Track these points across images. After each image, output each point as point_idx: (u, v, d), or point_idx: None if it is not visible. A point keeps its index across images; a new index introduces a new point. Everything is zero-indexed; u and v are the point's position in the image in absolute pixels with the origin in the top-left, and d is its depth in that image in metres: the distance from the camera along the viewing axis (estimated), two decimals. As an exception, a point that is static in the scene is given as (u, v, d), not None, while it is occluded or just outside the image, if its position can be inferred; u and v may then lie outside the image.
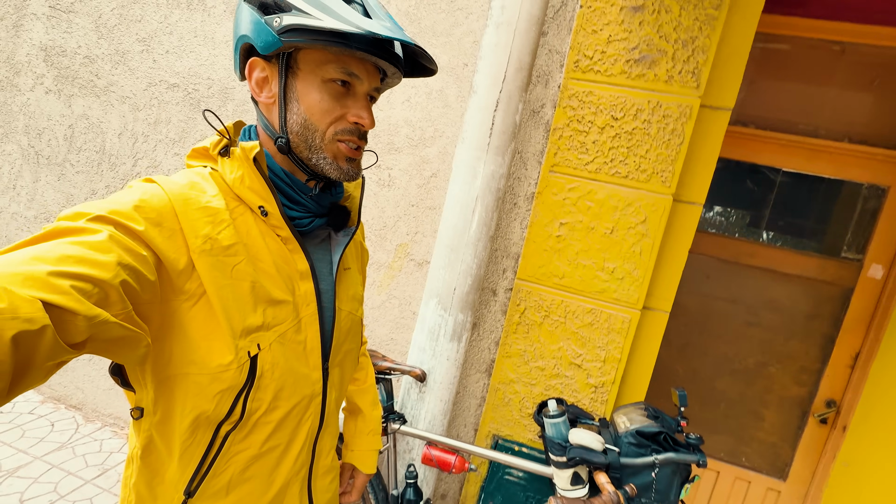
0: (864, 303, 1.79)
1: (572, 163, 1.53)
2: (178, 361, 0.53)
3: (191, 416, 0.55)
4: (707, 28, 1.39)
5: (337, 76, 0.57)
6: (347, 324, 0.71)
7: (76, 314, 0.38)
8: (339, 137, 0.60)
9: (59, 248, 0.41)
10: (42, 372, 0.38)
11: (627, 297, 1.52)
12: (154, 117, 2.06)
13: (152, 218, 0.50)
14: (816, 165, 1.80)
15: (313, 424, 0.67)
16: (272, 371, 0.58)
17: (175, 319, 0.52)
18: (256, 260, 0.58)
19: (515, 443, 1.65)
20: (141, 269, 0.46)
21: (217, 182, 0.58)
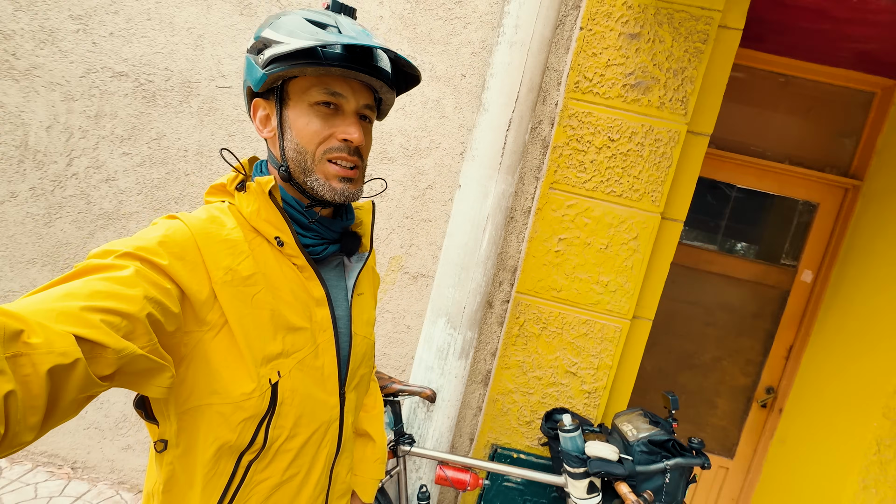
0: (798, 303, 2.08)
1: (571, 181, 1.58)
2: (201, 392, 0.54)
3: (214, 447, 0.56)
4: (695, 60, 1.50)
5: (321, 98, 0.59)
6: (363, 348, 0.72)
7: (106, 347, 0.40)
8: (328, 157, 0.61)
9: (89, 284, 0.43)
10: (74, 406, 0.39)
11: (619, 308, 1.62)
12: (95, 109, 1.77)
13: (176, 252, 0.52)
14: (764, 183, 2.04)
15: (331, 450, 0.68)
16: (292, 398, 0.60)
17: (198, 350, 0.53)
18: (275, 288, 0.59)
19: (514, 450, 1.70)
20: (166, 302, 0.48)
21: (235, 216, 0.60)
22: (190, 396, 0.55)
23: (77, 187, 1.81)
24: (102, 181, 1.81)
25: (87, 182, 1.81)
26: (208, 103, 1.75)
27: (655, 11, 1.49)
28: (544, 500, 1.70)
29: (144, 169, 1.79)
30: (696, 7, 1.48)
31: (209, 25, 1.72)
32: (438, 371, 1.44)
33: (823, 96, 1.99)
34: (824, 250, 2.04)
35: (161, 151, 1.78)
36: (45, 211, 1.83)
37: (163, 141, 1.78)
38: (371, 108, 0.64)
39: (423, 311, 1.76)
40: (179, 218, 0.56)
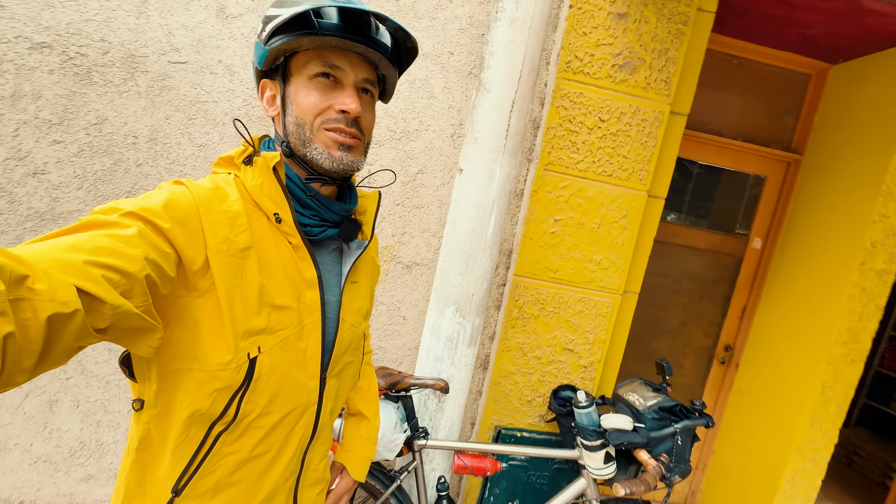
0: (750, 268, 2.30)
1: (564, 161, 1.59)
2: (183, 356, 0.55)
3: (187, 412, 0.56)
4: (677, 41, 1.55)
5: (319, 70, 0.60)
6: (349, 336, 0.72)
7: (104, 302, 0.42)
8: (326, 126, 0.61)
9: (94, 239, 0.44)
10: (65, 353, 0.41)
11: (611, 284, 1.68)
12: (10, 88, 1.47)
13: (178, 217, 0.52)
14: (721, 159, 2.20)
15: (305, 433, 0.67)
16: (269, 375, 0.60)
17: (185, 315, 0.54)
18: (267, 264, 0.60)
19: (517, 429, 1.74)
20: (164, 265, 0.49)
21: (239, 188, 0.61)
22: (173, 359, 0.55)
23: (-6, 183, 1.51)
24: (28, 175, 1.52)
25: (8, 177, 1.51)
26: (160, 81, 1.52)
27: (641, -9, 1.51)
28: (546, 473, 1.76)
29: (83, 159, 1.53)
30: (677, -11, 1.52)
31: (154, -11, 1.47)
32: (449, 361, 1.41)
33: (769, 77, 2.17)
34: (770, 219, 2.27)
35: (103, 138, 1.53)
36: (-49, 213, 1.51)
37: (105, 126, 1.52)
38: (372, 83, 0.65)
39: (419, 301, 1.72)
40: (185, 184, 0.57)
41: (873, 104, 1.87)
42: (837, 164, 1.99)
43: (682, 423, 1.27)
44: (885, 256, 1.82)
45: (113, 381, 1.65)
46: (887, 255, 1.83)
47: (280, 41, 0.58)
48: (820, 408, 1.92)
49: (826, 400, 1.91)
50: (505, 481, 1.73)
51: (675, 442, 1.27)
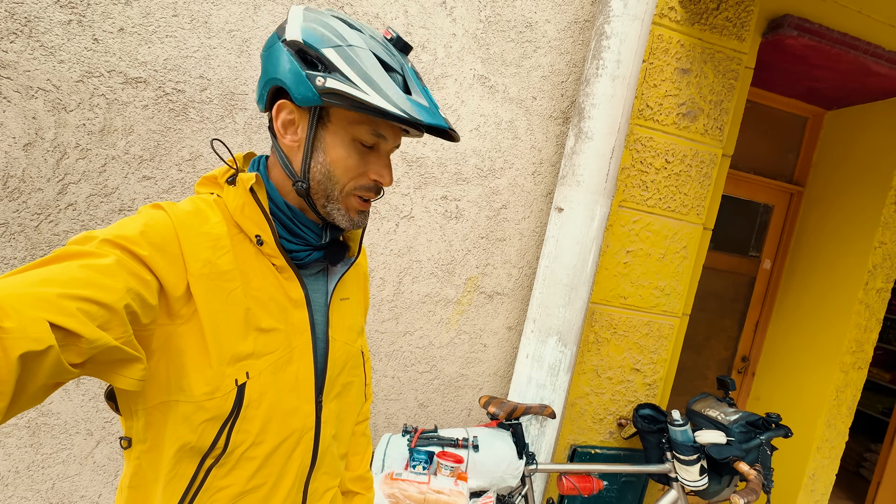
0: (761, 286, 2.58)
1: (636, 198, 1.75)
2: (170, 388, 0.53)
3: (175, 446, 0.54)
4: (729, 94, 1.77)
5: (367, 139, 0.59)
6: (343, 355, 0.69)
7: (80, 336, 0.40)
8: (356, 192, 0.61)
9: (68, 270, 0.42)
10: (41, 392, 0.39)
11: (672, 308, 1.85)
12: (99, 123, 1.41)
13: (156, 243, 0.51)
14: (739, 190, 2.47)
15: (304, 462, 0.64)
16: (260, 401, 0.57)
17: (170, 344, 0.52)
18: (251, 287, 0.58)
19: (591, 447, 1.85)
20: (144, 294, 0.47)
21: (221, 209, 0.59)
22: (159, 391, 0.53)
23: (75, 221, 1.44)
24: (114, 212, 1.46)
25: (92, 214, 1.45)
26: (258, 119, 1.52)
27: (702, 51, 1.71)
28: (615, 487, 1.88)
29: (173, 196, 1.50)
30: (729, 49, 1.74)
31: (256, 29, 1.48)
32: (551, 388, 1.50)
33: (774, 118, 2.47)
34: (778, 243, 2.56)
35: (196, 175, 1.50)
36: (24, 254, 1.42)
37: (198, 162, 1.50)
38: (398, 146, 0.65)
39: (499, 329, 1.80)
40: (163, 208, 0.55)
41: (868, 148, 2.20)
42: (839, 197, 2.30)
43: (765, 434, 1.44)
44: (883, 277, 2.13)
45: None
46: (885, 276, 2.13)
47: (342, 105, 0.54)
48: (834, 410, 2.19)
49: (839, 403, 2.18)
50: (580, 498, 1.84)
51: (760, 452, 1.43)
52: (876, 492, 3.07)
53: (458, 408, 1.82)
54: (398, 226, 1.66)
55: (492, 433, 1.40)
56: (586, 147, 1.45)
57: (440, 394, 1.79)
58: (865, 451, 3.48)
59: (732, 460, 1.37)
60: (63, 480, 1.52)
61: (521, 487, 1.44)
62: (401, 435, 1.39)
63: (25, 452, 1.49)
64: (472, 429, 1.42)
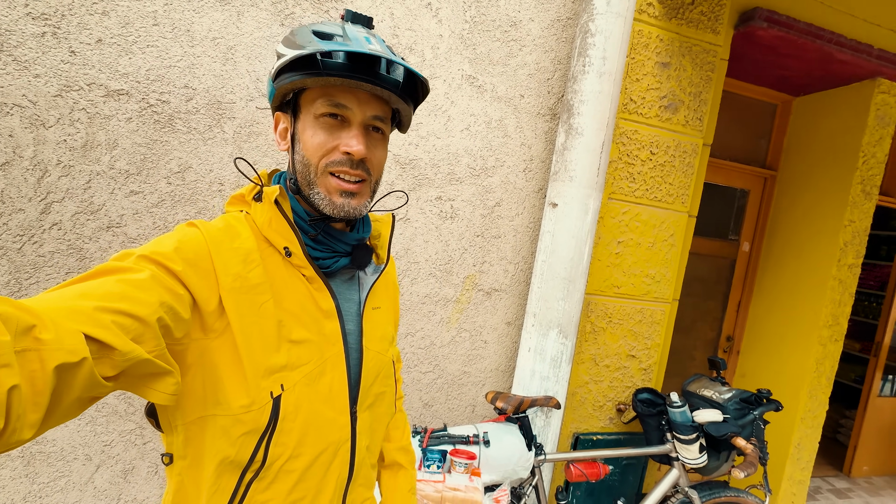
0: (741, 268, 2.69)
1: (624, 190, 1.80)
2: (206, 402, 0.54)
3: (216, 461, 0.54)
4: (707, 85, 1.83)
5: (325, 110, 0.59)
6: (376, 365, 0.69)
7: (114, 349, 0.41)
8: (330, 169, 0.60)
9: (104, 285, 0.44)
10: (76, 405, 0.40)
11: (663, 295, 1.92)
12: (81, 138, 1.36)
13: (189, 258, 0.52)
14: (717, 177, 2.56)
15: (342, 474, 0.64)
16: (296, 413, 0.57)
17: (205, 359, 0.53)
18: (282, 299, 0.59)
19: (592, 433, 1.90)
20: (177, 308, 0.49)
21: (250, 225, 0.61)
22: (196, 406, 0.54)
23: (61, 241, 1.39)
24: (101, 229, 1.42)
25: (79, 233, 1.40)
26: (247, 127, 1.49)
27: (680, 44, 1.77)
28: (618, 470, 1.94)
29: (163, 210, 1.46)
30: (705, 42, 1.81)
31: (241, 36, 1.46)
32: (554, 379, 1.54)
33: (746, 107, 2.58)
34: (755, 226, 2.67)
35: (186, 187, 1.47)
36: (8, 277, 1.36)
37: (188, 174, 1.47)
38: (383, 119, 0.62)
39: (498, 325, 1.82)
40: (196, 226, 0.57)
41: (834, 131, 2.32)
42: (809, 179, 2.42)
43: (758, 409, 1.52)
44: (853, 253, 2.25)
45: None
46: (854, 252, 2.26)
47: (286, 80, 0.58)
48: (814, 381, 2.31)
49: (819, 374, 2.31)
50: (585, 483, 1.89)
51: (754, 427, 1.50)
52: (853, 456, 3.26)
53: (463, 405, 1.84)
54: (394, 228, 1.66)
55: (501, 427, 1.43)
56: (577, 143, 1.48)
57: (444, 392, 1.81)
58: (841, 418, 3.68)
59: (730, 436, 1.44)
60: (63, 509, 1.48)
61: (532, 478, 1.48)
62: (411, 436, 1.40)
63: (21, 483, 1.43)
64: (480, 425, 1.44)
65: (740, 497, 1.62)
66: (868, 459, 3.28)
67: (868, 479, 3.27)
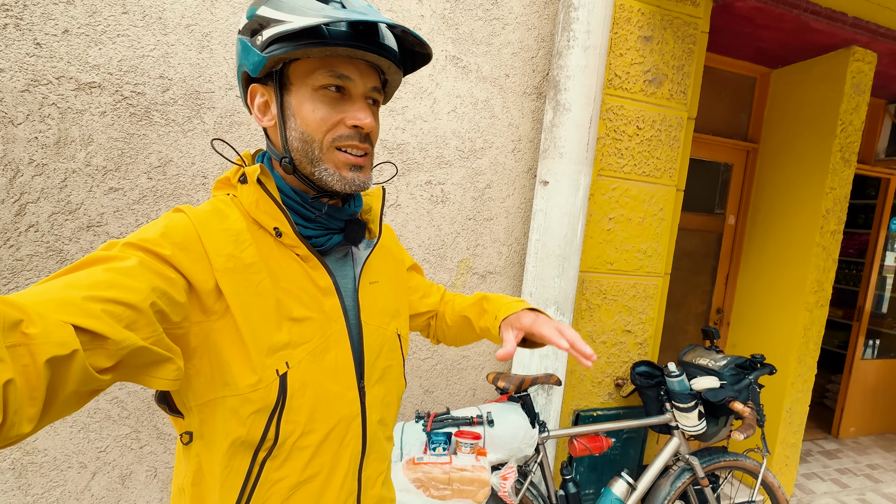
0: (728, 241, 2.73)
1: (613, 166, 1.80)
2: (215, 385, 0.54)
3: (227, 442, 0.54)
4: (689, 58, 1.84)
5: (327, 81, 0.56)
6: (378, 339, 0.68)
7: (106, 338, 0.40)
8: (337, 144, 0.58)
9: (92, 274, 0.43)
10: (74, 399, 0.39)
11: (656, 269, 1.94)
12: (54, 135, 1.31)
13: (178, 242, 0.51)
14: (699, 151, 2.59)
15: (355, 449, 0.64)
16: (304, 390, 0.57)
17: (209, 341, 0.53)
18: (279, 279, 0.58)
19: (592, 409, 1.92)
20: (170, 292, 0.48)
21: (238, 207, 0.59)
22: (207, 389, 0.53)
23: (39, 243, 1.33)
24: (81, 229, 1.37)
25: (57, 234, 1.35)
26: (228, 117, 1.45)
27: (661, 17, 1.77)
28: (619, 444, 1.97)
29: (145, 206, 1.41)
30: (686, 15, 1.81)
31: (216, 22, 1.41)
32: (553, 357, 1.54)
33: (725, 81, 2.60)
34: (739, 199, 2.72)
35: (168, 181, 1.42)
36: (-15, 283, 1.30)
37: (169, 168, 1.42)
38: (378, 91, 0.61)
39: (495, 307, 1.82)
40: (183, 210, 0.55)
41: (812, 101, 2.36)
42: (790, 150, 2.47)
43: (753, 374, 1.55)
44: (835, 220, 2.31)
45: (196, 440, 1.53)
46: (836, 219, 2.31)
47: (282, 50, 0.53)
48: (803, 347, 2.37)
49: (807, 340, 2.37)
50: (588, 458, 1.91)
51: (750, 391, 1.53)
52: (840, 418, 3.37)
53: (463, 389, 1.84)
54: (385, 215, 1.64)
55: (503, 407, 1.43)
56: (565, 119, 1.47)
57: (444, 378, 1.81)
58: (827, 383, 3.80)
59: (728, 401, 1.47)
60: (60, 519, 1.43)
61: (536, 455, 1.49)
62: (414, 421, 1.40)
63: (13, 496, 1.39)
64: (483, 405, 1.44)
65: (739, 460, 1.66)
66: (854, 421, 3.39)
67: (855, 440, 3.39)
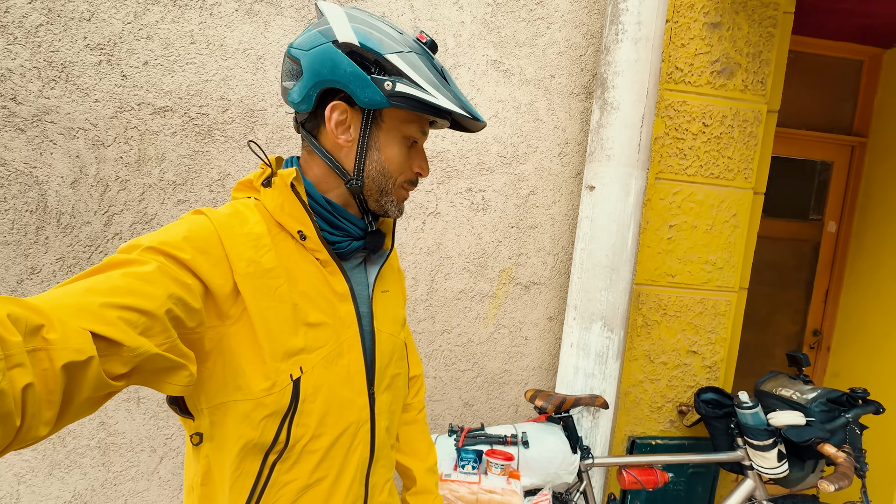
0: (827, 251, 2.34)
1: (674, 168, 1.63)
2: (228, 388, 0.54)
3: (238, 445, 0.55)
4: (768, 43, 1.62)
5: (416, 136, 0.65)
6: (389, 346, 0.71)
7: (121, 345, 0.40)
8: (402, 184, 0.66)
9: (110, 279, 0.44)
10: (89, 403, 0.40)
11: (727, 283, 1.71)
12: (135, 154, 1.49)
13: (199, 246, 0.52)
14: (790, 149, 2.26)
15: (363, 454, 0.66)
16: (315, 395, 0.59)
17: (224, 345, 0.54)
18: (296, 283, 0.59)
19: (650, 437, 1.74)
20: (187, 299, 0.48)
21: (260, 211, 0.61)
22: (218, 392, 0.55)
23: (122, 249, 1.52)
24: (155, 237, 1.53)
25: (136, 241, 1.52)
26: (279, 132, 1.55)
27: (731, 1, 1.58)
28: (683, 479, 1.76)
29: (207, 216, 1.55)
30: (763, -5, 1.60)
31: (269, 45, 1.52)
32: (600, 377, 1.42)
33: (823, 67, 2.25)
34: (842, 202, 2.32)
35: (226, 193, 1.55)
36: (80, 284, 1.51)
37: (227, 181, 1.54)
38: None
39: (539, 320, 1.73)
40: (204, 213, 0.56)
41: (940, 83, 1.95)
42: (910, 143, 2.06)
43: (852, 411, 1.29)
44: (976, 227, 1.87)
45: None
46: (978, 226, 1.87)
47: (408, 106, 0.59)
48: (931, 382, 1.94)
49: (936, 373, 1.93)
50: (644, 491, 1.72)
51: (847, 432, 1.28)
52: None
53: (505, 405, 1.76)
54: (425, 223, 1.63)
55: (541, 428, 1.34)
56: (613, 118, 1.36)
57: (484, 391, 1.74)
58: None
59: (815, 443, 1.23)
60: (134, 496, 1.60)
61: (579, 483, 1.37)
62: (447, 435, 1.36)
63: (99, 471, 1.58)
64: (520, 424, 1.36)
65: (835, 515, 1.39)
66: None
67: None
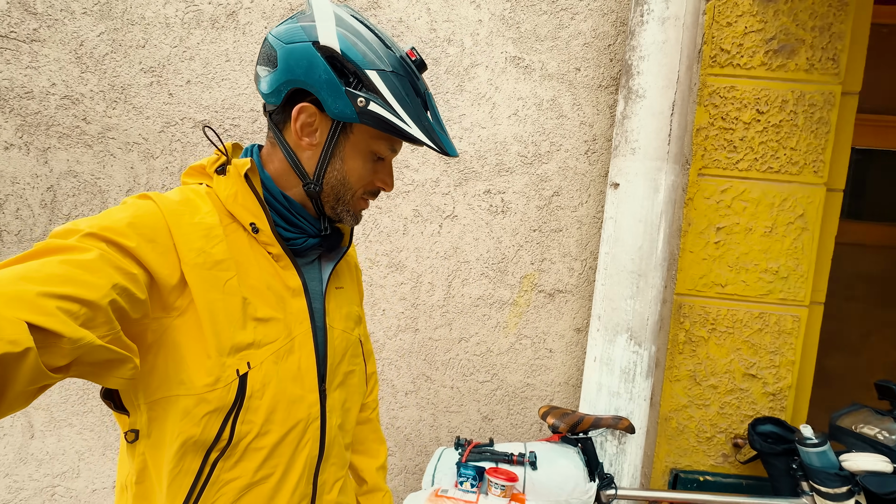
0: (944, 262, 1.91)
1: (721, 163, 1.44)
2: (169, 383, 0.52)
3: (178, 442, 0.53)
4: (841, 14, 1.38)
5: (385, 153, 0.64)
6: (342, 343, 0.69)
7: (61, 336, 0.38)
8: (363, 196, 0.65)
9: (47, 266, 0.41)
10: (23, 397, 0.38)
11: (794, 295, 1.45)
12: (178, 164, 1.63)
13: (146, 234, 0.49)
14: (879, 140, 1.90)
15: (312, 452, 0.63)
16: (263, 391, 0.57)
17: (166, 338, 0.52)
18: (247, 277, 0.58)
19: (698, 472, 1.51)
20: (131, 289, 0.46)
21: (212, 199, 0.58)
22: (159, 386, 0.52)
23: (166, 251, 1.66)
24: (193, 240, 1.66)
25: (177, 244, 1.66)
26: (301, 140, 1.61)
27: (790, -31, 1.37)
28: (741, 525, 1.49)
29: (238, 220, 1.64)
30: (833, -42, 1.37)
31: (294, 57, 1.59)
32: (626, 396, 1.26)
33: (932, 41, 1.88)
34: (963, 202, 1.89)
35: (254, 199, 1.64)
36: (132, 282, 1.67)
37: (255, 187, 1.63)
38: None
39: (566, 331, 1.59)
40: (151, 198, 0.53)
41: None
42: None
43: (961, 461, 1.01)
44: None
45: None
46: None
47: (379, 127, 0.59)
48: None
49: None
50: (691, 535, 1.49)
51: (956, 487, 1.00)
52: None
53: (527, 421, 1.64)
54: (441, 227, 1.59)
55: (554, 449, 1.21)
56: (638, 107, 1.23)
57: (505, 405, 1.64)
58: None
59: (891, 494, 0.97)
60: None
61: (599, 516, 1.21)
62: (454, 448, 1.28)
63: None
64: (531, 443, 1.25)
65: None
66: None
67: None
